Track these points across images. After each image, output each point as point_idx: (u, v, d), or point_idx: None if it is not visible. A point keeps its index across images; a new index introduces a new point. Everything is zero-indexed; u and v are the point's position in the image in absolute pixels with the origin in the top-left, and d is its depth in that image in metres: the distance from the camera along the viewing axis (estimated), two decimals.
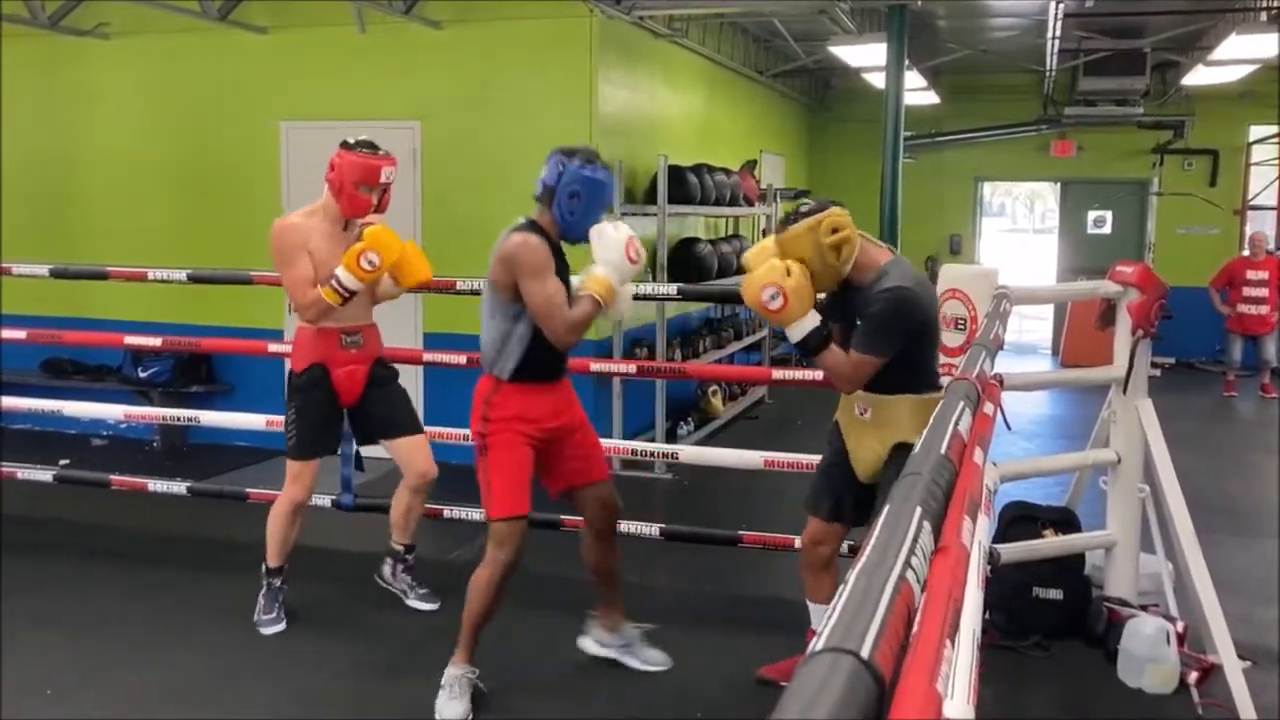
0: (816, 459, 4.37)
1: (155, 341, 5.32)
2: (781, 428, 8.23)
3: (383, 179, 3.98)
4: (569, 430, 3.62)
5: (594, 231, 3.46)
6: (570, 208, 3.41)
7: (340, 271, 3.85)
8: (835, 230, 3.16)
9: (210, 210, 7.29)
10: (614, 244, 3.42)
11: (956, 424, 1.60)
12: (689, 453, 5.16)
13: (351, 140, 4.03)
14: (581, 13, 6.41)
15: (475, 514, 4.59)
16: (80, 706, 3.54)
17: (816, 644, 0.76)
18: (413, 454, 4.25)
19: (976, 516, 1.77)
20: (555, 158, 3.48)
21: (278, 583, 4.23)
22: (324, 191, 4.03)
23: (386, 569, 4.48)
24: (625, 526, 4.46)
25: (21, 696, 3.57)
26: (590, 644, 3.91)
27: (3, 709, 3.49)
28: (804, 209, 3.23)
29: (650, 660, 3.84)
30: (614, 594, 3.85)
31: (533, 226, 3.43)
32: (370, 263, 3.82)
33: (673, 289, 4.83)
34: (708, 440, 7.59)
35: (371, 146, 4.02)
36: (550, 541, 4.69)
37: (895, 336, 3.17)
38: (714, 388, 8.11)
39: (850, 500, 3.45)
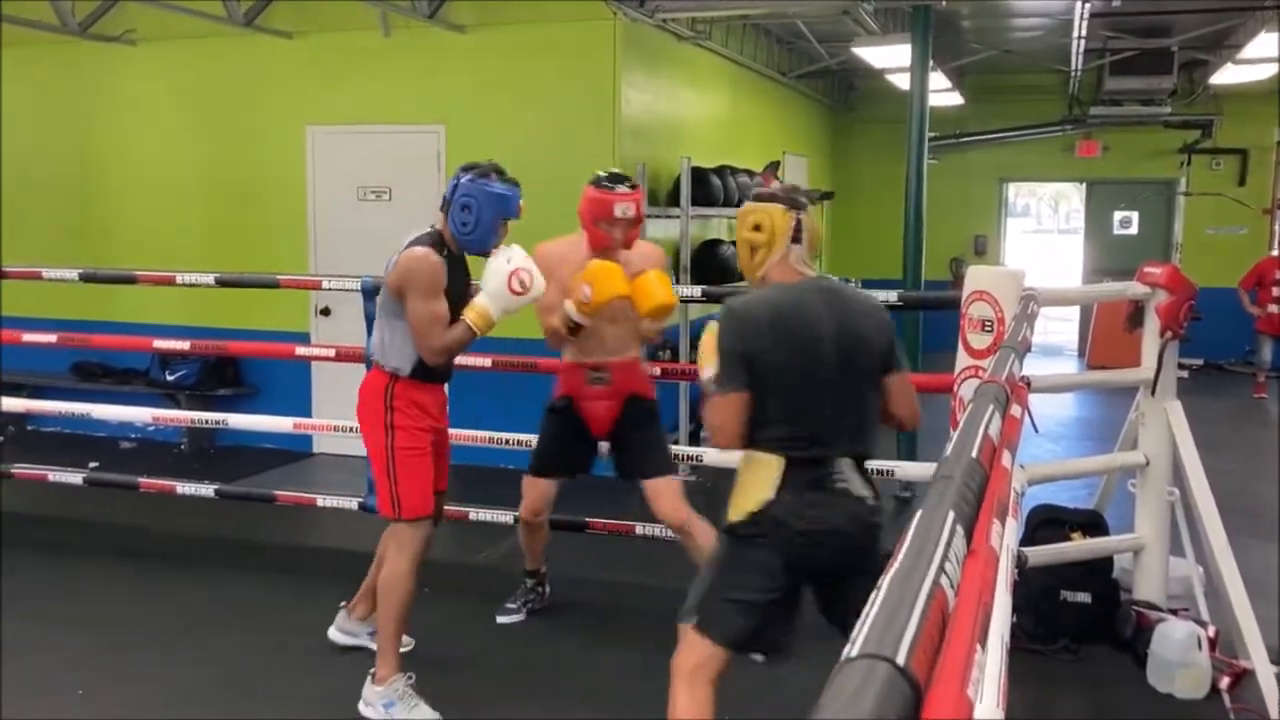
0: None
1: (184, 345, 5.35)
2: None
3: (617, 214, 3.82)
4: (444, 433, 3.81)
5: (490, 258, 3.56)
6: (463, 219, 3.50)
7: (566, 302, 3.75)
8: (757, 228, 2.75)
9: (237, 214, 7.35)
10: (496, 274, 3.51)
11: (986, 427, 1.59)
12: (713, 455, 5.14)
13: (602, 173, 3.90)
14: (605, 16, 6.42)
15: (503, 516, 4.61)
16: (111, 706, 3.57)
17: (851, 650, 0.76)
18: (656, 498, 3.98)
19: (1005, 520, 1.76)
20: (456, 172, 3.60)
21: (529, 584, 4.39)
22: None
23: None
24: (648, 529, 4.46)
25: (53, 696, 3.61)
26: (338, 634, 4.04)
27: (35, 708, 3.53)
28: (758, 189, 2.89)
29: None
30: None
31: (437, 238, 3.52)
32: (584, 295, 3.66)
33: (696, 291, 4.83)
34: None
35: (616, 180, 3.85)
36: (575, 543, 4.70)
37: (725, 363, 2.62)
38: None
39: None
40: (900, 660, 0.75)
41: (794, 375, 2.60)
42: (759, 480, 2.60)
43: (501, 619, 4.32)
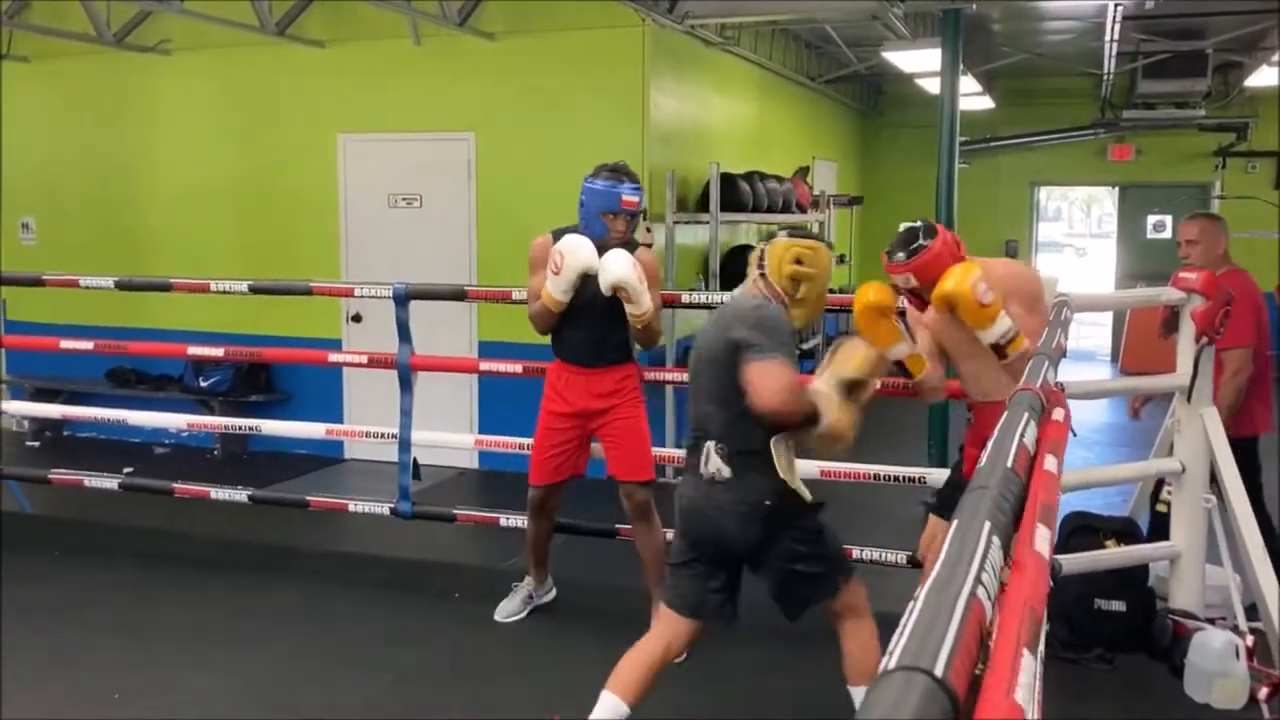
0: (873, 469, 4.34)
1: (217, 352, 5.40)
2: None
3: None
4: (600, 414, 4.00)
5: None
6: (580, 214, 3.92)
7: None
8: (798, 262, 3.08)
9: (270, 221, 7.41)
10: (569, 267, 3.77)
11: (1022, 436, 1.57)
12: None
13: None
14: (634, 22, 6.43)
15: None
16: (147, 711, 3.60)
17: (889, 663, 0.76)
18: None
19: (1052, 525, 1.74)
20: None
21: None
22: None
23: None
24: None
25: (89, 700, 3.64)
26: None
27: (73, 712, 3.57)
28: (792, 233, 3.19)
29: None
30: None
31: (572, 229, 3.92)
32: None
33: (725, 297, 4.81)
34: None
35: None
36: (611, 550, 4.70)
37: None
38: None
39: None
40: (938, 672, 0.75)
41: (692, 375, 3.14)
42: None
43: None
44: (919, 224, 3.38)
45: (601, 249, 3.76)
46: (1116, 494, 5.32)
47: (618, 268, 3.71)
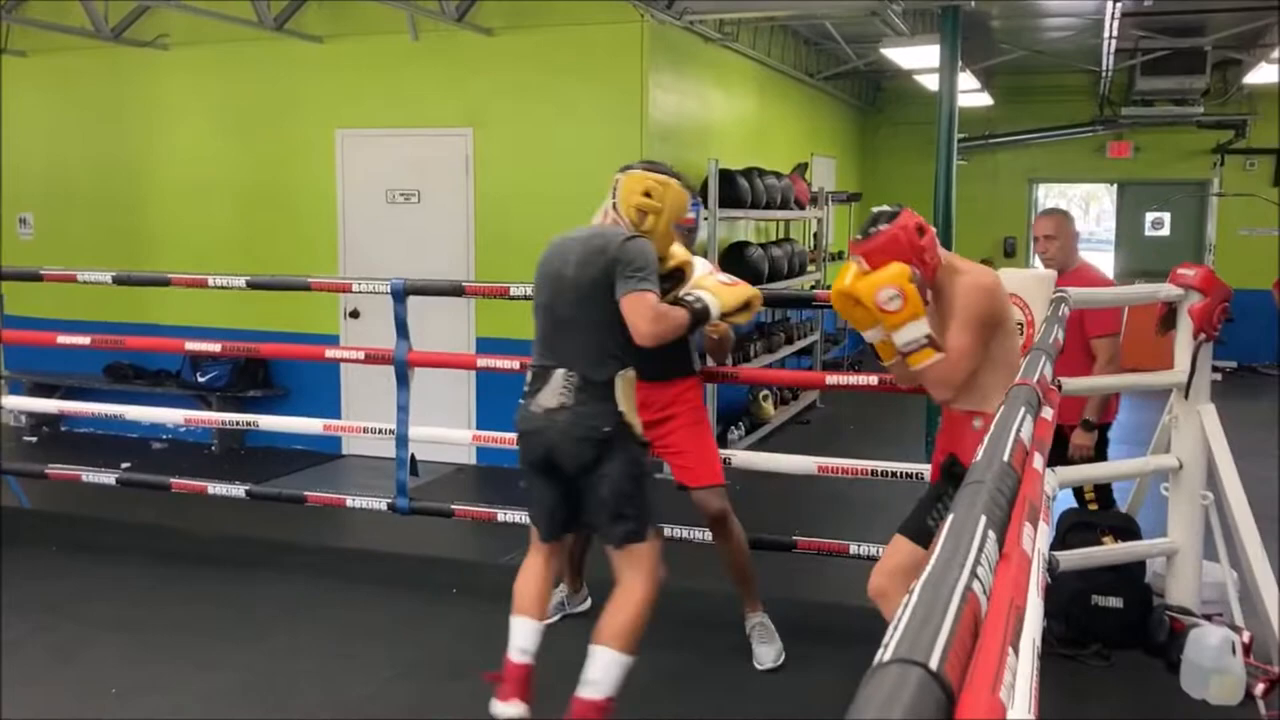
0: (870, 464, 4.34)
1: (215, 347, 5.39)
2: (834, 432, 8.18)
3: None
4: (657, 425, 3.82)
5: None
6: None
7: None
8: (647, 194, 3.21)
9: (268, 217, 7.40)
10: None
11: (1019, 431, 1.57)
12: (740, 457, 5.12)
13: None
14: (633, 18, 6.43)
15: (527, 518, 4.61)
16: (144, 706, 3.60)
17: (884, 655, 0.76)
18: None
19: (1037, 523, 1.75)
20: None
21: None
22: None
23: None
24: (678, 531, 4.45)
25: (88, 697, 3.64)
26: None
27: (72, 710, 3.56)
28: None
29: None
30: None
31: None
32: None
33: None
34: (759, 445, 7.56)
35: None
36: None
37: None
38: (765, 392, 8.08)
39: None
40: (933, 665, 0.75)
41: (540, 301, 3.19)
42: None
43: None
44: (886, 209, 3.29)
45: None
46: (1114, 491, 5.32)
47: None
